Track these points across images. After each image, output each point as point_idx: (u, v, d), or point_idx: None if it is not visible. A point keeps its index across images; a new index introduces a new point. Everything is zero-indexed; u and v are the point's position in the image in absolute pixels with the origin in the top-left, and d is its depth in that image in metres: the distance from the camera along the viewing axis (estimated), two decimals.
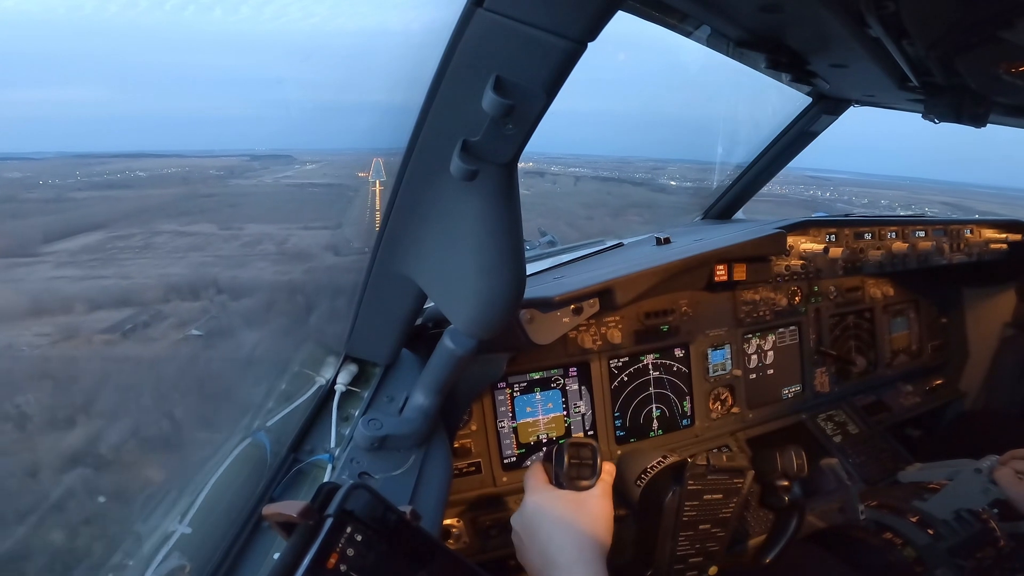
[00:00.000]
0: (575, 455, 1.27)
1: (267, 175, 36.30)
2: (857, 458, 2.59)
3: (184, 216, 29.36)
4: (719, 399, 2.50)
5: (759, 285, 2.60)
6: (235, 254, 24.19)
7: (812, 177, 35.14)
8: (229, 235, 26.69)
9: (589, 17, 0.81)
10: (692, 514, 1.54)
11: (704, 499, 1.55)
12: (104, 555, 1.24)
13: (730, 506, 1.59)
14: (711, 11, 1.54)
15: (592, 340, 2.18)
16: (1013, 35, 1.20)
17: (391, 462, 1.34)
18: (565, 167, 41.15)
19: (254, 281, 17.82)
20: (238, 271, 21.43)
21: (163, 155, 57.95)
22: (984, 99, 1.84)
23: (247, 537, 1.20)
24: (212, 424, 1.62)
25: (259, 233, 26.00)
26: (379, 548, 0.86)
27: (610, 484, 1.29)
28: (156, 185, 36.82)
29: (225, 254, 24.30)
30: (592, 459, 1.27)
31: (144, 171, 39.52)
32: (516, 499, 2.02)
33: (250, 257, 23.17)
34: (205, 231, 27.15)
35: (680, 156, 8.19)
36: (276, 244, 24.17)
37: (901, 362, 3.19)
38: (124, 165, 40.27)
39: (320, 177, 26.38)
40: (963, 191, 32.08)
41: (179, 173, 39.87)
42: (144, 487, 1.43)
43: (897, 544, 1.79)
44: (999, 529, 1.77)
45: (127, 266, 22.75)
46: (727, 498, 1.58)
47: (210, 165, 40.58)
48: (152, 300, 17.22)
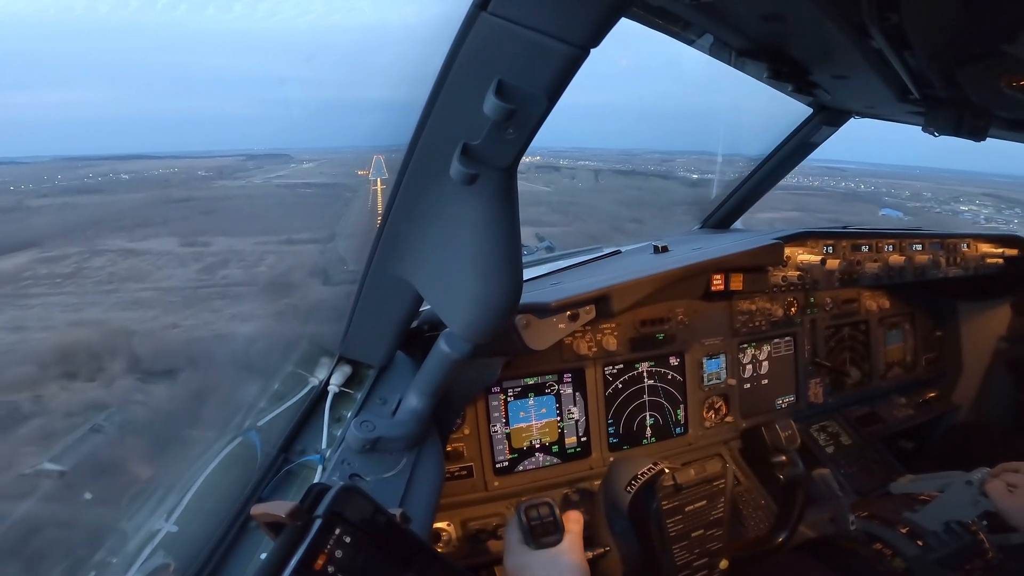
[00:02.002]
0: (535, 516, 1.31)
1: (259, 175, 34.23)
2: (849, 469, 2.60)
3: (143, 227, 25.35)
4: (713, 408, 2.49)
5: (756, 295, 2.60)
6: (185, 285, 19.47)
7: (835, 169, 34.55)
8: (188, 254, 22.14)
9: (592, 23, 0.81)
10: (679, 528, 1.54)
11: (687, 511, 1.55)
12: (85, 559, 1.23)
13: (719, 507, 1.59)
14: (714, 20, 1.54)
15: (588, 347, 2.18)
16: (1015, 49, 1.21)
17: (383, 464, 1.34)
18: (573, 160, 40.67)
19: (194, 342, 13.76)
20: (180, 318, 16.58)
21: (157, 156, 56.52)
22: (984, 113, 1.85)
23: (234, 537, 1.19)
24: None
25: (227, 249, 21.76)
26: (368, 550, 0.85)
27: (578, 534, 1.32)
28: (132, 189, 33.98)
29: (171, 285, 19.58)
30: (552, 516, 1.31)
31: (130, 173, 37.01)
32: (507, 504, 2.01)
33: (204, 291, 18.51)
34: (159, 248, 23.04)
35: (685, 148, 8.14)
36: (246, 267, 19.77)
37: (895, 374, 3.19)
38: (111, 168, 38.10)
39: (316, 176, 24.17)
40: (998, 182, 31.31)
41: (164, 175, 37.24)
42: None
43: (887, 555, 1.79)
44: (988, 541, 1.77)
45: (29, 308, 17.96)
46: (712, 502, 1.58)
47: (201, 166, 38.45)
48: (20, 382, 11.43)
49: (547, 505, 1.33)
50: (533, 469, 2.12)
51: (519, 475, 2.10)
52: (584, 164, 40.01)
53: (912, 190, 33.74)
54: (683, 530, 1.54)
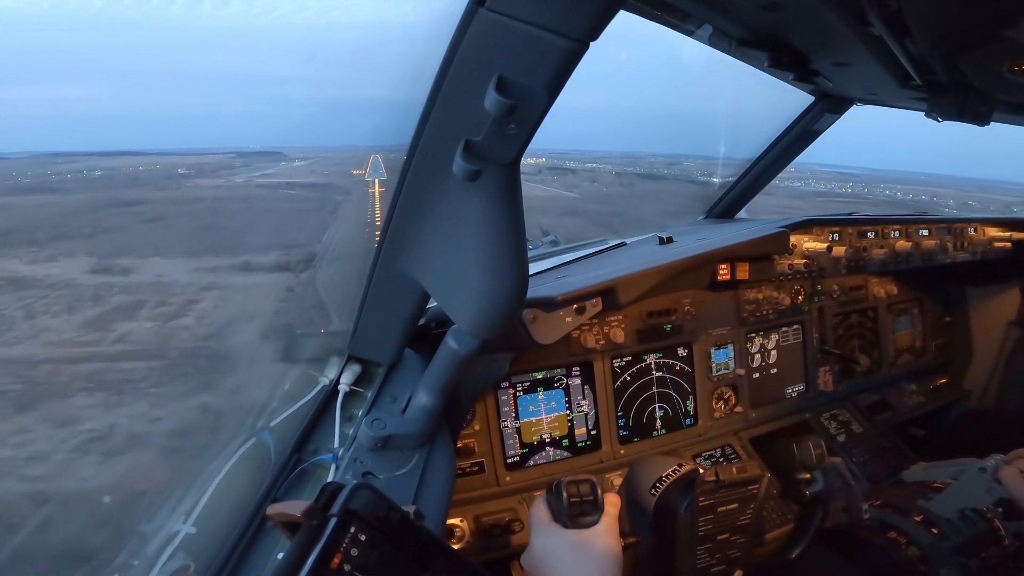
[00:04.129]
0: (575, 492, 1.25)
1: (243, 173, 31.44)
2: (861, 457, 2.59)
3: (61, 241, 18.96)
4: (722, 398, 2.49)
5: (762, 284, 2.59)
6: (45, 354, 10.79)
7: (842, 173, 34.38)
8: (92, 288, 14.62)
9: (591, 17, 0.82)
10: (708, 528, 1.52)
11: (719, 511, 1.53)
12: (108, 556, 1.23)
13: (748, 513, 1.58)
14: (713, 10, 1.54)
15: (595, 339, 2.18)
16: (1016, 33, 1.20)
17: (394, 462, 1.35)
18: (581, 162, 40.25)
19: None
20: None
21: (145, 153, 54.26)
22: (987, 97, 1.83)
23: (251, 537, 1.20)
24: None
25: (151, 282, 14.72)
26: (382, 548, 0.86)
27: (615, 517, 1.27)
28: (87, 188, 31.02)
29: (20, 354, 10.85)
30: (592, 495, 1.26)
31: (106, 171, 34.31)
32: (519, 499, 2.02)
33: (70, 370, 9.81)
34: (58, 275, 16.09)
35: (688, 151, 7.80)
36: (162, 321, 12.19)
37: (905, 361, 3.18)
38: (89, 164, 35.49)
39: (304, 175, 20.56)
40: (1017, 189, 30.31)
41: (135, 173, 34.16)
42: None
43: (901, 543, 1.79)
44: (1003, 528, 1.76)
45: None
46: (743, 506, 1.57)
47: (184, 163, 35.80)
48: None
49: (588, 483, 1.27)
50: (544, 463, 2.13)
51: (530, 469, 2.11)
52: (590, 166, 39.63)
53: (926, 195, 33.24)
54: (711, 531, 1.53)
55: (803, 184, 33.75)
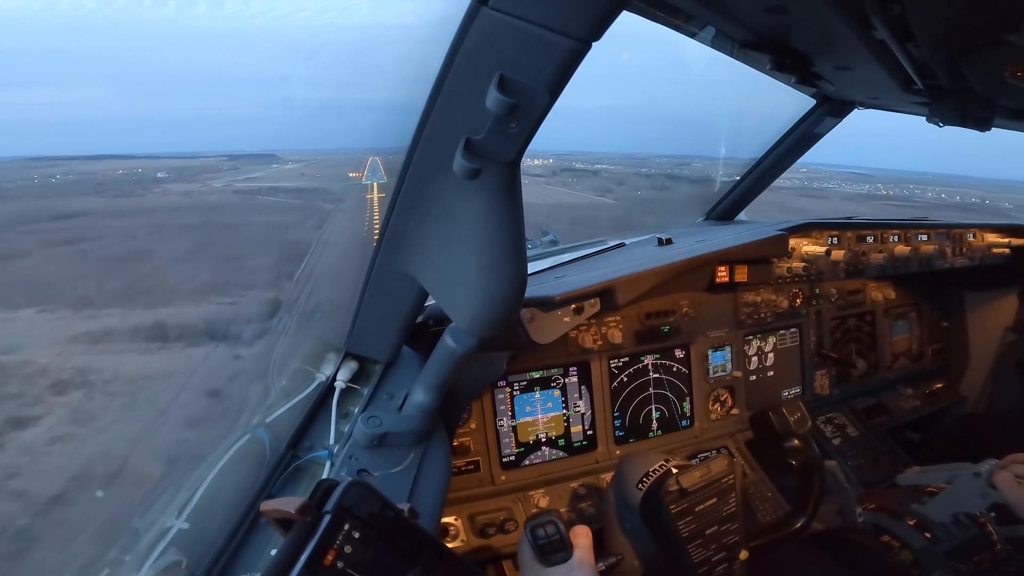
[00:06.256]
0: (541, 535, 1.29)
1: (225, 177, 29.44)
2: (856, 461, 2.59)
3: None
4: (719, 400, 2.49)
5: (760, 287, 2.59)
6: None
7: (851, 173, 34.02)
8: None
9: (594, 17, 0.81)
10: (692, 527, 1.52)
11: (697, 511, 1.53)
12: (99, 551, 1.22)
13: (730, 503, 1.58)
14: (716, 12, 1.53)
15: (593, 340, 2.18)
16: (1018, 38, 1.20)
17: (390, 459, 1.34)
18: (589, 164, 39.82)
19: None
20: None
21: (131, 157, 52.17)
22: (989, 102, 1.83)
23: (244, 533, 1.20)
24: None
25: (18, 361, 9.21)
26: (376, 545, 0.86)
27: (588, 547, 1.31)
28: (22, 197, 27.82)
29: None
30: (558, 534, 1.30)
31: (80, 174, 31.88)
32: (515, 498, 2.02)
33: None
34: None
35: (689, 152, 7.57)
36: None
37: (901, 365, 3.18)
38: (67, 168, 33.67)
39: (294, 179, 16.95)
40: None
41: (107, 177, 31.87)
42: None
43: (895, 547, 1.79)
44: (996, 533, 1.76)
45: None
46: (723, 498, 1.57)
47: (165, 167, 33.37)
48: None
49: (552, 523, 1.31)
50: (540, 463, 2.13)
51: (526, 469, 2.11)
52: (598, 167, 39.27)
53: (946, 195, 32.96)
54: (696, 529, 1.52)
55: (841, 186, 31.74)
